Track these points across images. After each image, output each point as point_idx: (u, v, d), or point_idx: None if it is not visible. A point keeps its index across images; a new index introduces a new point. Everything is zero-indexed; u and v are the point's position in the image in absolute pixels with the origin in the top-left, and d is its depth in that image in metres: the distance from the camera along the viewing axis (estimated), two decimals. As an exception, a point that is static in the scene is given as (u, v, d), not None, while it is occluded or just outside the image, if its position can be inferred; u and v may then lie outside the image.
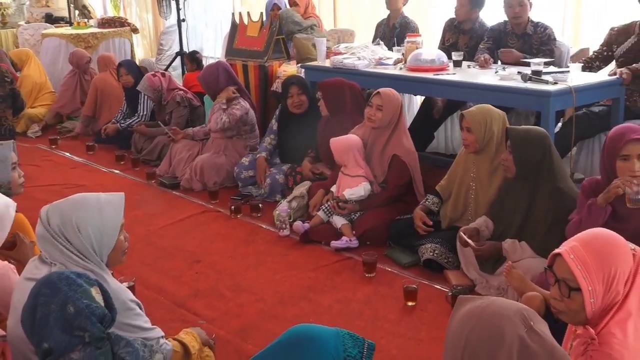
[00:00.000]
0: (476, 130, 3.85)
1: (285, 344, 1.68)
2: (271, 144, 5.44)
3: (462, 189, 4.06)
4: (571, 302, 1.88)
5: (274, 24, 6.41)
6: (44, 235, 2.35)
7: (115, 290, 2.30)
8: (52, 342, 1.95)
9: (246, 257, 4.34)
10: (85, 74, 8.03)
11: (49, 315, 1.96)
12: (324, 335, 1.66)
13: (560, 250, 1.89)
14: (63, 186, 5.70)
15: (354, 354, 1.65)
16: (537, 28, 5.20)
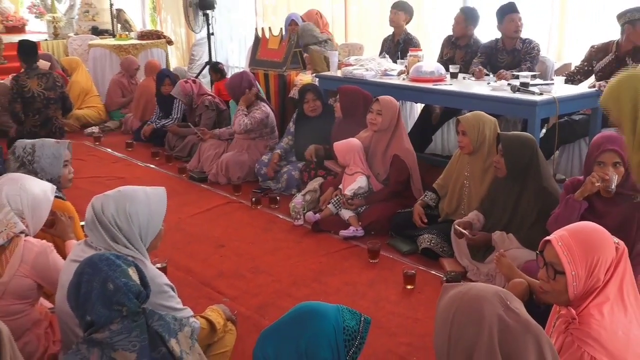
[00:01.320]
0: (470, 133, 3.85)
1: (292, 317, 1.68)
2: (288, 144, 5.44)
3: (456, 186, 4.05)
4: (556, 284, 1.88)
5: (292, 38, 6.40)
6: (95, 222, 2.35)
7: (152, 275, 2.30)
8: (94, 316, 1.95)
9: (264, 243, 4.34)
10: (132, 79, 8.07)
11: (91, 291, 1.95)
12: (326, 309, 1.67)
13: (550, 238, 1.89)
14: (105, 178, 5.74)
15: (352, 325, 1.65)
16: (525, 43, 5.18)
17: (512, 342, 1.49)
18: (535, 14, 5.87)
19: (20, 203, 2.62)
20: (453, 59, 5.59)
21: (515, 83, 4.43)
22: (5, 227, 2.53)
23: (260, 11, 8.85)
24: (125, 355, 1.91)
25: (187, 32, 9.69)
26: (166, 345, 1.99)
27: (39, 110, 6.26)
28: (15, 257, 2.52)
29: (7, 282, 2.50)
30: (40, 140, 3.35)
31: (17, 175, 2.79)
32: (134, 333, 1.95)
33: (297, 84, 6.18)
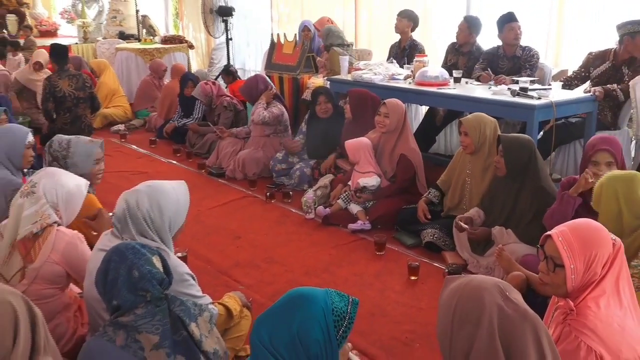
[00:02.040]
0: (472, 134, 3.83)
1: (284, 303, 1.67)
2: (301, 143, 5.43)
3: (458, 183, 4.03)
4: (555, 276, 1.87)
5: (305, 44, 6.39)
6: (127, 216, 2.35)
7: (174, 264, 2.31)
8: (120, 300, 1.96)
9: (278, 235, 4.33)
10: (160, 80, 8.07)
11: (117, 278, 1.96)
12: (315, 293, 1.66)
13: (551, 233, 1.88)
14: (130, 173, 5.77)
15: (340, 307, 1.64)
16: (525, 50, 5.14)
17: (511, 330, 1.48)
18: (534, 23, 5.83)
19: (55, 196, 2.62)
20: (456, 65, 5.56)
21: (515, 88, 4.40)
22: (40, 218, 2.55)
23: (276, 18, 8.84)
24: (149, 337, 1.92)
25: (207, 37, 9.69)
26: (187, 329, 2.00)
27: (69, 109, 6.27)
28: (47, 245, 2.54)
29: (38, 268, 2.52)
30: (75, 137, 3.38)
31: (54, 170, 2.80)
32: (157, 317, 1.96)
33: (309, 86, 6.17)
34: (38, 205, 2.56)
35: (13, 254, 2.53)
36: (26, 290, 2.51)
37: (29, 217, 2.54)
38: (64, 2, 12.72)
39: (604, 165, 2.89)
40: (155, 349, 1.91)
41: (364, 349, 2.84)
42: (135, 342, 1.90)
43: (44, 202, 2.57)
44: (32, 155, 3.42)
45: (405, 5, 6.22)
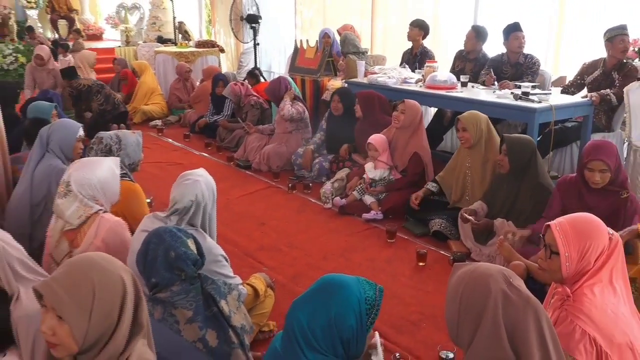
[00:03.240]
0: (470, 129, 3.85)
1: (320, 288, 1.67)
2: (320, 139, 5.42)
3: (460, 177, 4.01)
4: (551, 263, 1.86)
5: (325, 49, 6.37)
6: (192, 206, 2.42)
7: (210, 246, 2.33)
8: (158, 278, 1.98)
9: (298, 222, 4.33)
10: (187, 81, 8.11)
11: (156, 258, 1.98)
12: (349, 282, 1.66)
13: (551, 223, 1.88)
14: (166, 164, 5.79)
15: (370, 294, 1.64)
16: (527, 58, 5.08)
17: (514, 314, 1.47)
18: (536, 32, 5.75)
19: (89, 188, 2.58)
20: (463, 70, 5.51)
21: (518, 92, 4.36)
22: (84, 212, 2.55)
23: (299, 25, 8.81)
24: (184, 312, 1.93)
25: (236, 42, 9.69)
26: (217, 306, 2.01)
27: (99, 92, 6.62)
28: (91, 232, 2.53)
29: (83, 252, 2.52)
30: (120, 131, 3.40)
31: (81, 164, 2.73)
32: (191, 294, 1.97)
33: (329, 88, 6.16)
34: (77, 202, 2.54)
35: (61, 240, 2.55)
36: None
37: (72, 215, 2.52)
38: (109, 9, 12.81)
39: (597, 172, 2.86)
40: (189, 323, 1.93)
41: (376, 327, 2.79)
42: (172, 316, 1.92)
43: (81, 198, 2.54)
44: (81, 147, 3.45)
45: (417, 16, 6.18)
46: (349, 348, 1.61)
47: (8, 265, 1.98)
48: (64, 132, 3.38)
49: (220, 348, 1.94)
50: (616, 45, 4.46)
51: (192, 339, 1.91)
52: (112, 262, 1.49)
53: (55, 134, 3.36)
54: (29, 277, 2.03)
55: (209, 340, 1.93)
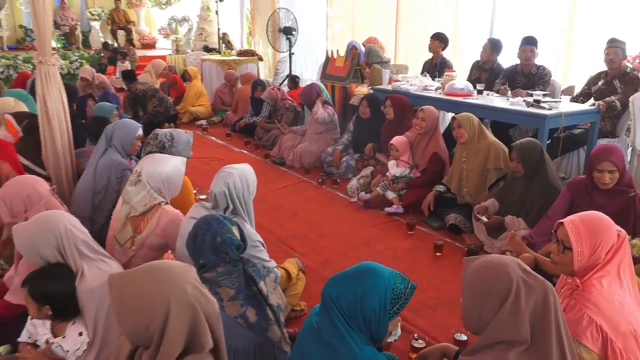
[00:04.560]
0: (466, 126, 3.88)
1: (356, 270, 1.66)
2: (348, 140, 5.40)
3: (457, 172, 3.99)
4: (564, 257, 1.83)
5: (354, 59, 6.34)
6: (227, 195, 2.43)
7: (249, 233, 2.34)
8: (205, 260, 2.00)
9: (327, 214, 4.33)
10: (234, 87, 8.15)
11: (204, 242, 2.00)
12: (383, 271, 1.64)
13: (564, 220, 1.84)
14: (210, 159, 5.84)
15: (400, 288, 1.62)
16: (539, 69, 4.98)
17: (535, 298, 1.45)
18: (548, 45, 5.63)
19: (157, 181, 2.63)
20: (479, 79, 5.42)
21: (530, 100, 4.28)
22: (148, 201, 2.59)
23: (330, 36, 8.79)
24: (227, 290, 1.95)
25: (273, 52, 9.72)
26: (257, 286, 2.02)
27: (153, 96, 6.67)
28: (153, 221, 2.58)
29: (145, 238, 2.57)
30: (175, 130, 3.44)
31: (153, 158, 2.78)
32: (234, 275, 1.99)
33: (356, 94, 6.13)
34: (145, 191, 2.59)
35: (126, 225, 2.60)
36: (135, 254, 2.59)
37: (139, 201, 2.58)
38: (162, 21, 12.98)
39: (607, 173, 2.78)
40: (231, 300, 1.94)
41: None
42: (216, 294, 1.94)
43: (149, 189, 2.60)
44: (139, 145, 3.50)
45: (438, 29, 6.11)
46: (370, 328, 1.59)
47: (74, 245, 2.02)
48: (125, 130, 3.44)
49: (258, 324, 1.96)
50: (609, 54, 4.47)
51: (234, 314, 1.93)
52: (169, 282, 1.38)
53: (118, 131, 3.43)
54: (92, 257, 2.08)
55: (249, 317, 1.94)
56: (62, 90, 3.52)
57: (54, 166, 3.55)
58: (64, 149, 3.56)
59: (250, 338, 1.95)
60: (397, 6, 7.30)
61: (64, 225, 2.02)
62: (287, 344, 2.06)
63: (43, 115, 3.47)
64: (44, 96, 3.42)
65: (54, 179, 3.53)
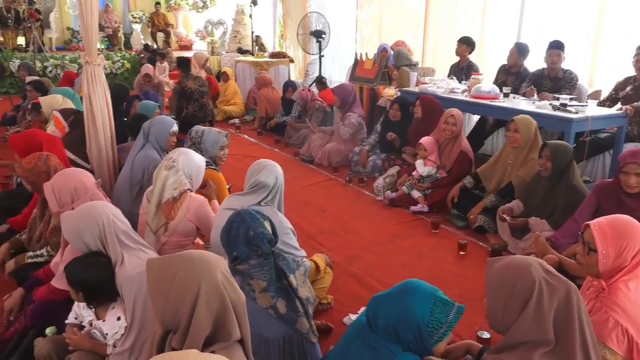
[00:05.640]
0: (522, 131, 3.71)
1: (395, 293, 1.55)
2: (375, 140, 5.36)
3: (500, 170, 3.88)
4: (589, 258, 1.78)
5: (382, 61, 6.30)
6: (270, 188, 2.50)
7: (280, 219, 2.38)
8: (238, 252, 2.01)
9: (354, 211, 4.32)
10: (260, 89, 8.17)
11: (238, 235, 2.01)
12: (420, 300, 1.47)
13: (590, 223, 1.80)
14: (242, 156, 5.88)
15: (439, 318, 1.46)
16: (566, 73, 4.86)
17: (557, 298, 1.42)
18: (575, 49, 5.49)
19: (189, 168, 2.72)
20: (505, 83, 5.32)
21: (556, 103, 4.17)
22: (179, 185, 2.65)
23: (359, 40, 8.75)
24: (259, 282, 1.96)
25: (303, 54, 9.74)
26: (287, 279, 2.03)
27: (197, 100, 6.51)
28: (183, 207, 2.64)
29: (177, 224, 2.63)
30: (208, 128, 3.49)
31: (187, 150, 2.89)
32: (265, 267, 2.00)
33: (383, 95, 6.09)
34: (177, 175, 2.66)
35: (159, 212, 2.65)
36: (168, 240, 2.63)
37: (171, 184, 2.65)
38: (198, 24, 13.13)
39: (633, 175, 2.71)
40: (263, 292, 1.95)
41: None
42: (248, 285, 1.95)
43: (181, 174, 2.67)
44: (174, 141, 3.55)
45: (465, 33, 6.01)
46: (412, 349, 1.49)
47: (115, 235, 2.07)
48: (160, 126, 3.50)
49: (288, 315, 1.96)
50: (635, 62, 4.36)
51: (265, 305, 1.94)
52: (202, 267, 1.39)
53: (154, 127, 3.49)
54: (132, 246, 2.12)
55: (279, 308, 1.95)
56: (106, 89, 3.59)
57: (97, 160, 3.63)
58: (106, 144, 3.64)
59: (279, 329, 1.95)
60: (425, 11, 7.22)
61: (106, 215, 2.07)
62: (315, 336, 2.05)
63: (88, 112, 3.55)
64: (89, 94, 3.50)
65: (96, 172, 3.61)
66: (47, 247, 2.70)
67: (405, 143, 4.98)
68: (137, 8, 13.43)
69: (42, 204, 2.80)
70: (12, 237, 2.96)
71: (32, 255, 2.71)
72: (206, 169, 3.12)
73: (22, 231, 2.99)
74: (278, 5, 10.57)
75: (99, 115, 3.55)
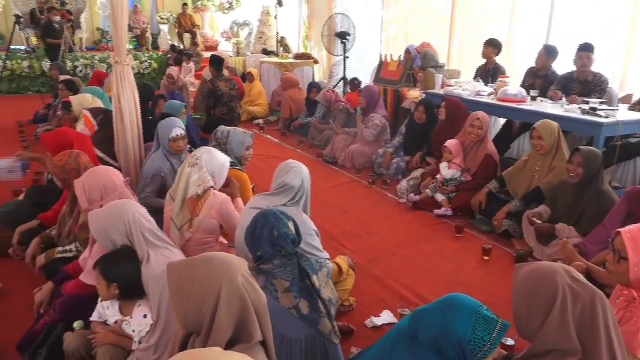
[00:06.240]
0: (546, 137, 3.66)
1: (438, 308, 1.48)
2: (399, 142, 5.34)
3: (527, 177, 3.82)
4: (619, 266, 1.75)
5: (407, 63, 6.27)
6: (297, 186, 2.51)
7: (304, 220, 2.38)
8: (262, 252, 2.02)
9: (377, 213, 4.30)
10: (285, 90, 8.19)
11: (262, 235, 2.02)
12: (459, 321, 1.40)
13: (621, 230, 1.76)
14: (266, 156, 5.90)
15: (481, 336, 1.38)
16: (596, 76, 4.75)
17: (582, 306, 1.39)
18: (605, 52, 5.36)
19: (212, 166, 2.74)
20: (533, 86, 5.23)
21: (585, 107, 4.09)
22: (202, 182, 2.68)
23: (384, 40, 8.72)
24: (282, 282, 1.97)
25: (327, 55, 9.75)
26: (310, 279, 2.03)
27: (226, 104, 6.52)
28: (207, 204, 2.66)
29: (201, 221, 2.65)
30: (234, 128, 3.51)
31: (210, 148, 2.92)
32: (288, 267, 2.00)
33: (408, 97, 6.06)
34: (201, 172, 2.68)
35: (184, 208, 2.68)
36: (192, 237, 2.66)
37: (195, 181, 2.67)
38: (224, 25, 13.26)
39: None
40: (286, 292, 1.96)
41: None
42: (272, 285, 1.96)
43: (204, 171, 2.69)
44: (179, 146, 3.47)
45: (492, 35, 5.92)
46: None
47: (141, 233, 2.10)
48: (162, 129, 3.49)
49: (310, 316, 1.96)
50: None
51: (288, 305, 1.94)
52: (222, 270, 1.39)
53: (159, 130, 3.50)
54: (157, 244, 2.15)
55: (301, 308, 1.95)
56: (134, 89, 3.65)
57: (124, 158, 3.70)
58: (133, 142, 3.70)
59: (302, 329, 1.95)
60: (451, 12, 7.14)
61: (132, 213, 2.10)
62: (337, 337, 2.05)
63: (117, 111, 3.61)
64: (118, 93, 3.56)
65: (124, 169, 3.67)
66: (76, 243, 2.75)
67: (428, 146, 4.94)
68: (165, 9, 13.63)
69: (71, 200, 2.86)
70: (42, 232, 3.04)
71: (61, 250, 2.77)
72: (231, 169, 3.15)
73: (52, 227, 3.06)
74: (303, 6, 10.60)
75: (127, 114, 3.61)
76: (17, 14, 9.39)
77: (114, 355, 2.06)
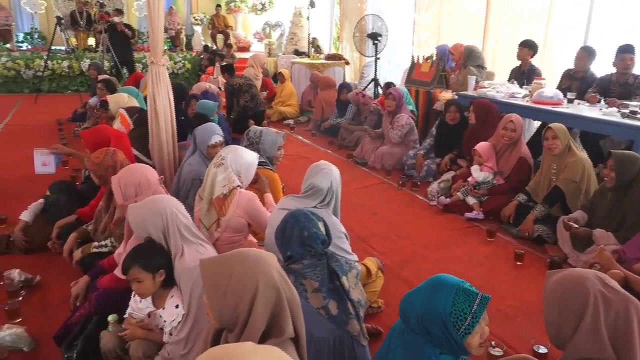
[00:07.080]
0: (561, 136, 3.65)
1: (423, 288, 1.53)
2: (430, 144, 5.28)
3: (546, 181, 3.78)
4: None
5: (440, 64, 6.20)
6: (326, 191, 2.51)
7: (334, 222, 2.38)
8: (292, 252, 2.03)
9: (406, 215, 4.27)
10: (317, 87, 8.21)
11: (292, 235, 2.03)
12: (442, 295, 1.45)
13: None
14: (296, 157, 5.93)
15: (462, 308, 1.43)
16: (637, 79, 4.59)
17: (615, 313, 1.35)
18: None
19: (238, 166, 2.75)
20: (570, 88, 5.09)
21: (625, 110, 3.96)
22: (228, 182, 2.70)
23: (416, 42, 8.64)
24: (311, 282, 1.97)
25: (359, 57, 9.72)
26: (339, 280, 2.03)
27: (247, 91, 6.76)
28: (234, 203, 2.68)
29: (228, 220, 2.67)
30: (266, 129, 3.53)
31: (236, 147, 2.91)
32: (318, 268, 2.01)
33: (440, 99, 5.98)
34: (226, 172, 2.70)
35: (211, 209, 2.71)
36: (221, 236, 2.69)
37: (220, 181, 2.69)
38: (256, 26, 13.38)
39: None
40: (315, 292, 1.96)
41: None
42: (301, 285, 1.96)
43: (230, 171, 2.71)
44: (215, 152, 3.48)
45: (528, 36, 5.80)
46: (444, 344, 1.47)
47: (177, 228, 2.13)
48: (201, 135, 3.52)
49: (339, 316, 1.96)
50: None
51: (317, 306, 1.95)
52: (257, 265, 1.41)
53: (198, 135, 3.52)
54: (192, 240, 2.18)
55: (330, 309, 1.95)
56: (169, 88, 3.72)
57: (158, 157, 3.77)
58: (167, 141, 3.77)
59: (330, 329, 1.95)
60: (486, 13, 7.03)
61: (170, 209, 2.14)
62: (366, 339, 2.04)
63: (152, 110, 3.69)
64: (153, 93, 3.64)
65: (157, 167, 3.75)
66: (111, 239, 2.82)
67: (459, 148, 4.87)
68: (199, 10, 13.84)
69: (107, 197, 2.94)
70: (79, 228, 3.12)
71: (97, 246, 2.85)
72: (262, 169, 3.18)
73: (89, 222, 3.14)
74: (335, 7, 10.60)
75: (161, 113, 3.68)
76: (59, 15, 9.68)
77: (146, 349, 2.10)
